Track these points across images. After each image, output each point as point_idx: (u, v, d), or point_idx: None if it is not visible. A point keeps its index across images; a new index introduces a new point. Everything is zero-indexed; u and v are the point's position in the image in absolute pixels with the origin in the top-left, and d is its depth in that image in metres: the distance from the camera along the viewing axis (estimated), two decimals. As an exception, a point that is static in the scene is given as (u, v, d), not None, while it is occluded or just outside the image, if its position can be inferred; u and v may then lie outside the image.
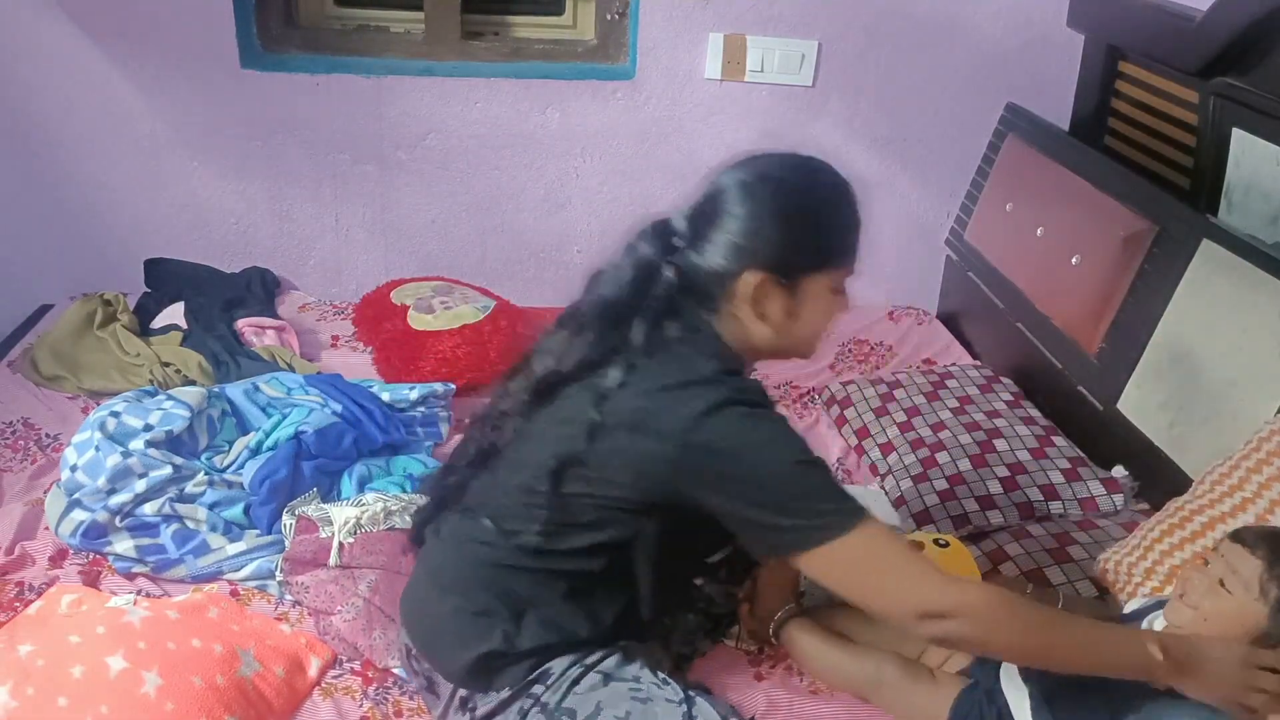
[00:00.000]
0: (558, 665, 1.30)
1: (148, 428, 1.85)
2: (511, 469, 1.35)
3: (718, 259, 1.24)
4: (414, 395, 2.15)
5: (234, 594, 1.68)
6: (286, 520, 1.74)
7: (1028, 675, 1.37)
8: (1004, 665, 1.40)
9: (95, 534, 1.71)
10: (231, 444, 1.94)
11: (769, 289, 1.24)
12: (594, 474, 1.25)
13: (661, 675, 1.33)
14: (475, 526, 1.37)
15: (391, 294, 2.49)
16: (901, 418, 2.15)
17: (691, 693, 1.30)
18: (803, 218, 1.25)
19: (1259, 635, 1.24)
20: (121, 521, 1.73)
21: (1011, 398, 2.21)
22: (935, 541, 1.60)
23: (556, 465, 1.25)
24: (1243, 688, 1.20)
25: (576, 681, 1.29)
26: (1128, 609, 1.46)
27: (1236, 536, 1.32)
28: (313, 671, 1.52)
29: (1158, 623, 1.36)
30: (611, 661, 1.32)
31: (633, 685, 1.29)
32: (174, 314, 2.44)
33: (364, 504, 1.72)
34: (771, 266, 1.23)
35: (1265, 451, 1.52)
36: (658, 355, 1.24)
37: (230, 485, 1.85)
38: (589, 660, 1.31)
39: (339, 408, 2.02)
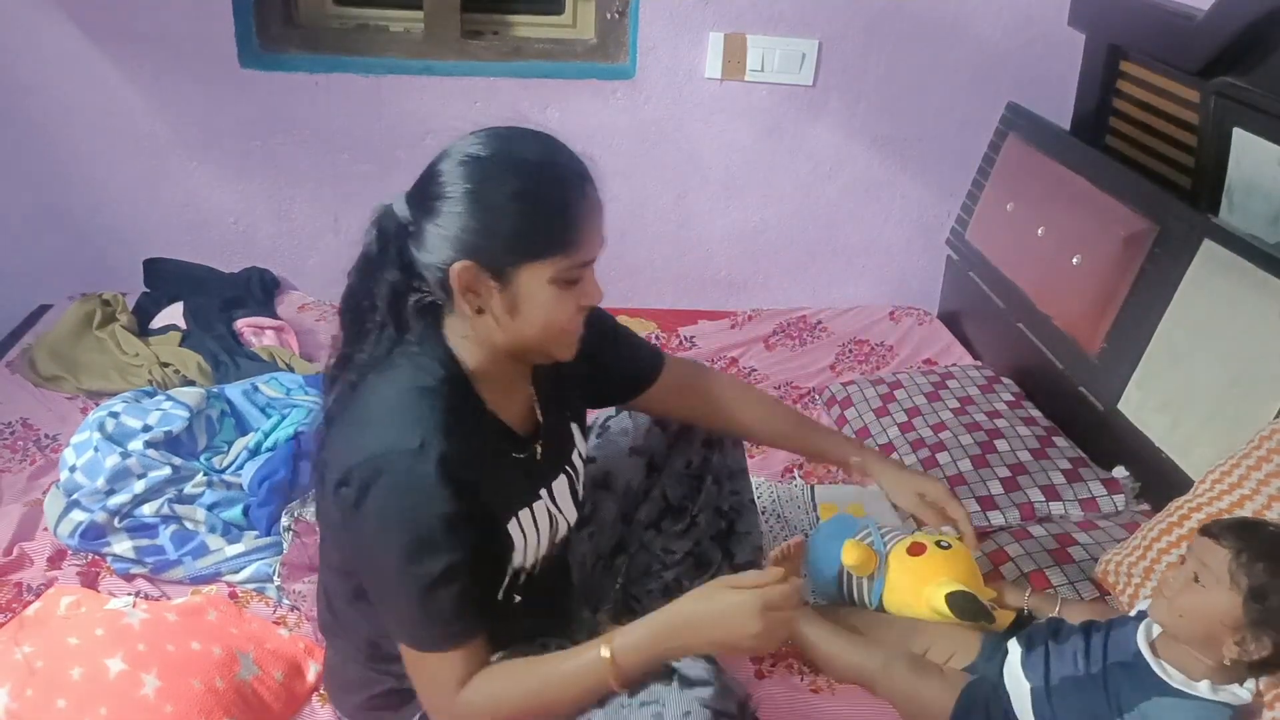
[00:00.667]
0: None
1: (146, 428, 1.85)
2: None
3: (429, 250, 1.13)
4: (413, 395, 2.14)
5: (232, 596, 1.68)
6: (285, 523, 1.73)
7: (1029, 670, 1.38)
8: (1007, 660, 1.41)
9: (94, 535, 1.71)
10: (230, 445, 1.94)
11: (479, 281, 1.12)
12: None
13: None
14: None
15: (391, 294, 2.48)
16: (902, 418, 2.15)
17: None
18: (502, 203, 1.11)
19: (1235, 623, 1.24)
20: (120, 522, 1.73)
21: (1012, 398, 2.21)
22: (937, 543, 1.59)
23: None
24: (759, 614, 1.09)
25: None
26: (1135, 610, 1.46)
27: (1205, 530, 1.32)
28: (311, 676, 1.52)
29: (1151, 624, 1.36)
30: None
31: None
32: (173, 314, 2.44)
33: (363, 505, 1.71)
34: (475, 254, 1.11)
35: (1266, 449, 1.51)
36: (381, 369, 1.17)
37: (229, 486, 1.85)
38: None
39: (338, 408, 2.02)
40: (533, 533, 1.25)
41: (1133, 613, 1.43)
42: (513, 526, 1.22)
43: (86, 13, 2.38)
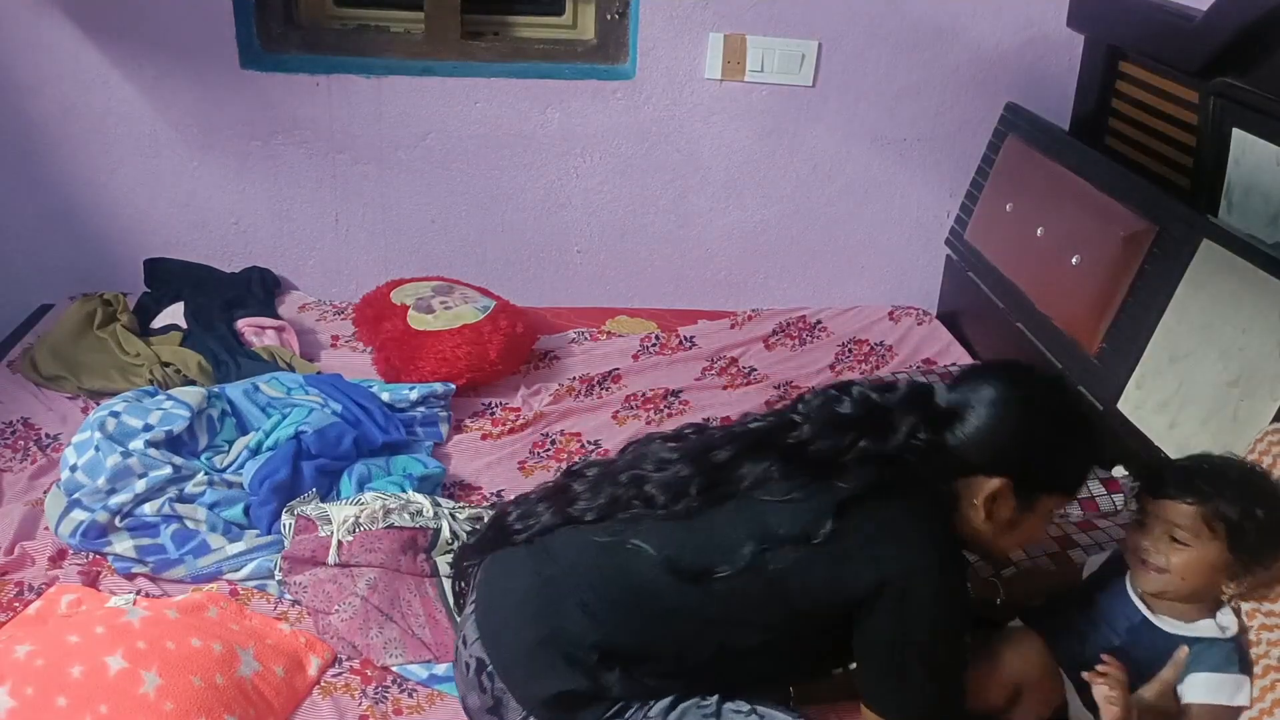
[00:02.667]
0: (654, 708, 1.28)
1: (147, 428, 1.85)
2: (708, 525, 1.30)
3: (969, 449, 1.26)
4: (414, 395, 2.15)
5: (233, 593, 1.68)
6: (286, 520, 1.74)
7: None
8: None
9: (95, 534, 1.71)
10: (231, 444, 1.94)
11: (1008, 496, 1.27)
12: (793, 579, 1.26)
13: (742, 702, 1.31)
14: (628, 557, 1.31)
15: (391, 294, 2.49)
16: (901, 418, 2.15)
17: (758, 705, 1.30)
18: (1062, 444, 1.29)
19: (1227, 565, 1.30)
20: (121, 521, 1.73)
21: (1011, 398, 2.20)
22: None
23: (759, 548, 1.25)
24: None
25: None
26: (1086, 573, 1.49)
27: (1155, 492, 1.36)
28: (312, 671, 1.52)
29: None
30: (693, 700, 1.29)
31: (700, 702, 1.29)
32: (174, 314, 2.44)
33: (363, 503, 1.72)
34: (1019, 477, 1.27)
35: (1257, 452, 1.52)
36: (896, 502, 1.26)
37: (230, 485, 1.85)
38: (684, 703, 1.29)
39: (339, 408, 2.02)
40: None
41: (1085, 575, 1.47)
42: None
43: (86, 13, 2.38)
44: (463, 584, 1.53)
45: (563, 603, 1.31)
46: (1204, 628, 1.33)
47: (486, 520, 1.55)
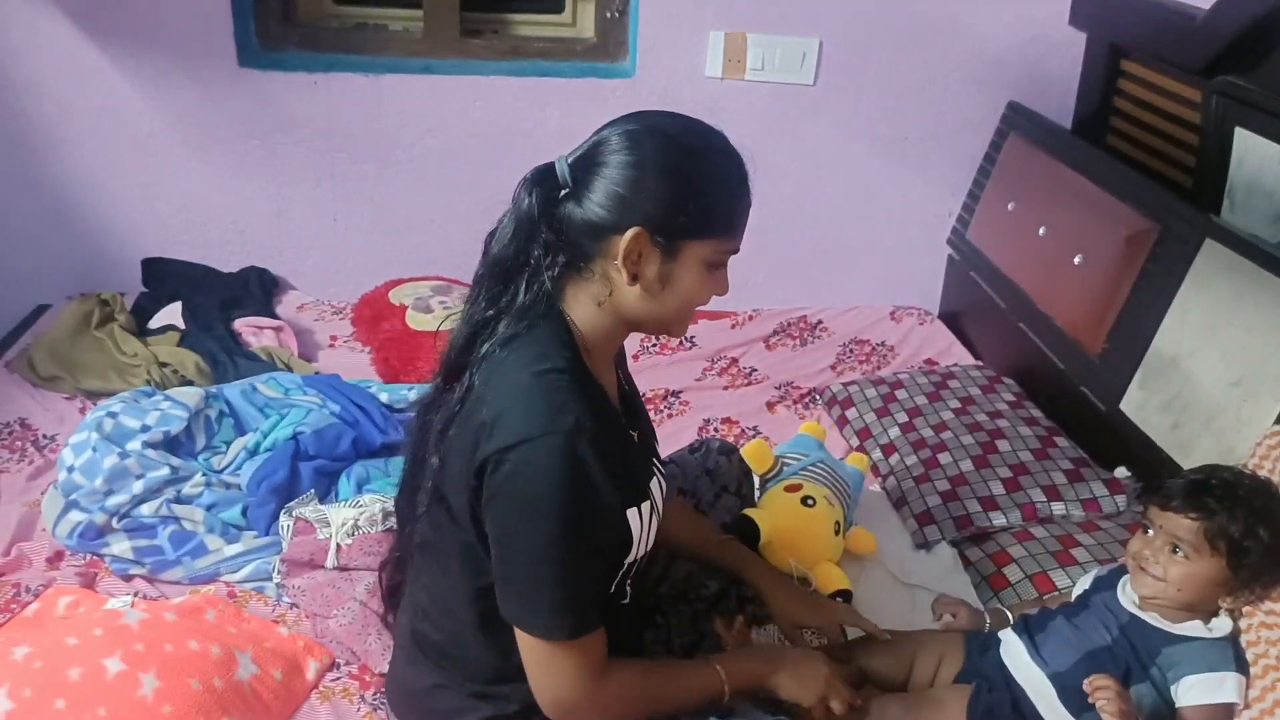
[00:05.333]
0: None
1: (145, 428, 1.84)
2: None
3: (597, 209, 1.14)
4: (413, 396, 2.14)
5: (231, 596, 1.67)
6: (284, 522, 1.73)
7: (1045, 657, 1.37)
8: (1008, 655, 1.41)
9: (92, 535, 1.71)
10: (229, 445, 1.93)
11: (646, 247, 1.14)
12: (450, 500, 1.19)
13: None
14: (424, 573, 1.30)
15: (390, 294, 2.48)
16: (903, 418, 2.14)
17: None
18: (688, 177, 1.15)
19: (1226, 582, 1.30)
20: (119, 523, 1.72)
21: (1014, 398, 2.20)
22: (804, 500, 1.71)
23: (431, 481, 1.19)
24: (816, 692, 1.30)
25: None
26: (1078, 588, 1.47)
27: (1162, 504, 1.34)
28: (310, 674, 1.52)
29: (1129, 588, 1.38)
30: None
31: None
32: (171, 314, 2.44)
33: (362, 505, 1.71)
34: (651, 223, 1.13)
35: (1260, 454, 1.51)
36: (511, 346, 1.15)
37: (228, 486, 1.84)
38: None
39: (337, 408, 2.01)
40: (646, 524, 1.24)
41: (1077, 591, 1.46)
42: (632, 515, 1.21)
43: (85, 12, 2.37)
44: None
45: (422, 649, 1.30)
46: (1191, 627, 1.33)
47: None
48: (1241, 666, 1.30)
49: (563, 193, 1.16)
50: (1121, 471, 1.94)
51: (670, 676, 1.27)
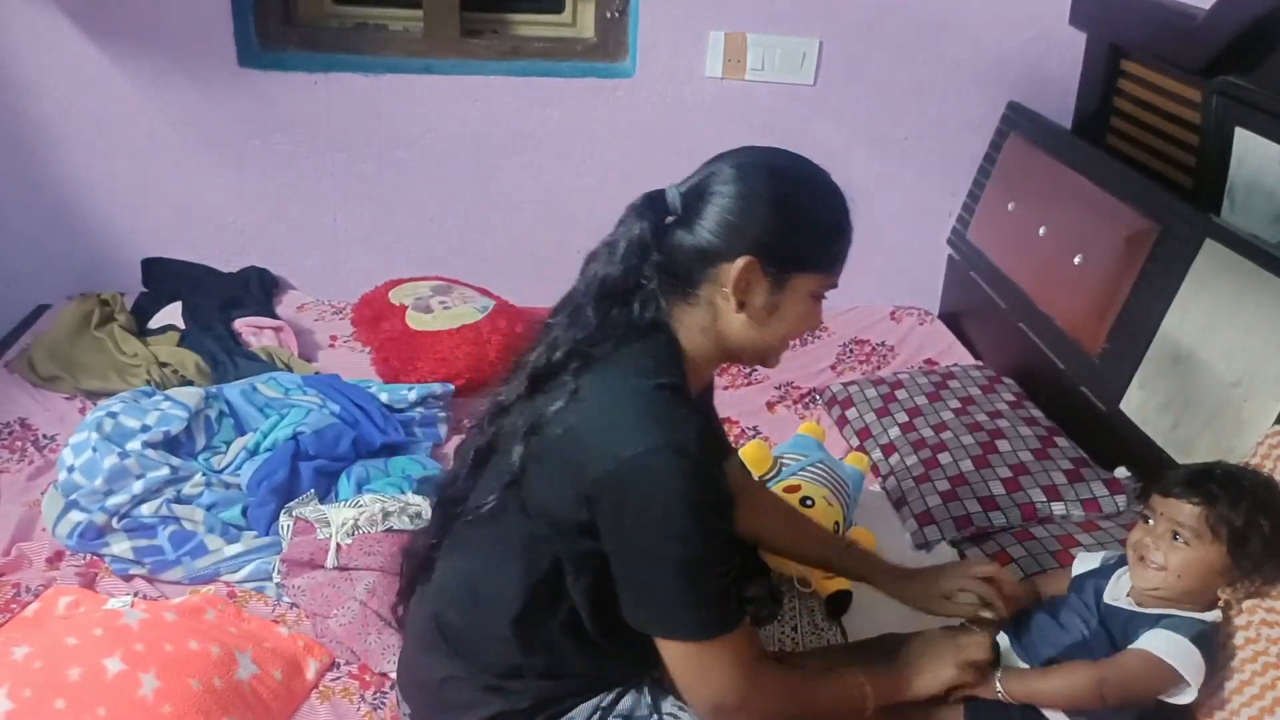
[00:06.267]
0: (579, 714, 1.26)
1: (145, 428, 1.84)
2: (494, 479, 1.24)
3: (708, 236, 1.16)
4: (412, 396, 2.14)
5: (231, 595, 1.67)
6: (284, 522, 1.73)
7: (1029, 653, 1.38)
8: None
9: (92, 535, 1.71)
10: (229, 445, 1.93)
11: (756, 276, 1.17)
12: (528, 495, 1.19)
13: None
14: (466, 559, 1.29)
15: (390, 294, 2.48)
16: (903, 418, 2.14)
17: None
18: (801, 209, 1.19)
19: (1225, 570, 1.30)
20: (119, 523, 1.72)
21: (1014, 398, 2.20)
22: (802, 501, 1.72)
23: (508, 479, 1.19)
24: (957, 664, 1.31)
25: None
26: (1078, 570, 1.47)
27: (1164, 491, 1.35)
28: (310, 674, 1.52)
29: (1122, 580, 1.38)
30: (629, 701, 1.27)
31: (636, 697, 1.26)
32: (171, 314, 2.44)
33: (362, 505, 1.71)
34: (763, 252, 1.16)
35: (1260, 454, 1.51)
36: (615, 358, 1.17)
37: (228, 486, 1.84)
38: (606, 703, 1.26)
39: (337, 408, 2.02)
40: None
41: (1077, 572, 1.45)
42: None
43: (85, 12, 2.37)
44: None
45: (445, 636, 1.30)
46: (1175, 611, 1.32)
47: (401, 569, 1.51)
48: (1209, 655, 1.29)
49: (670, 219, 1.20)
50: (1121, 471, 1.94)
51: (819, 683, 1.28)
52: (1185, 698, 1.28)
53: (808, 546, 1.57)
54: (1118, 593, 1.38)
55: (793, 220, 1.18)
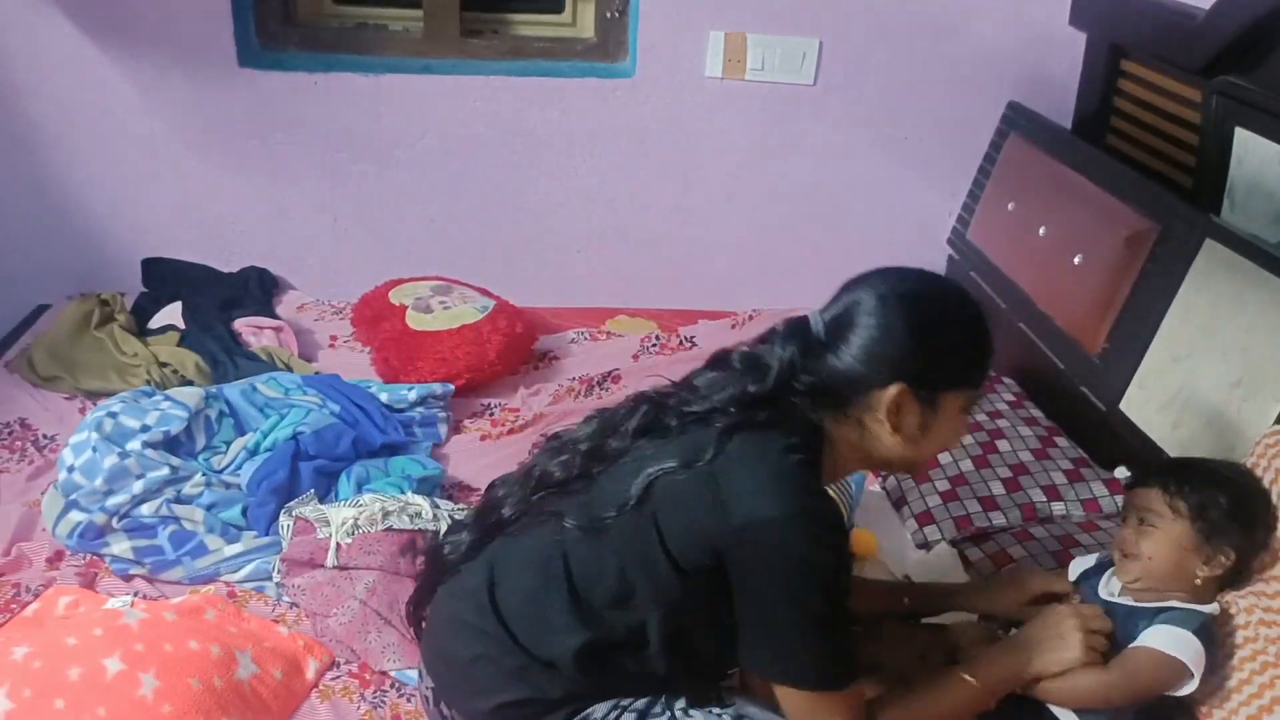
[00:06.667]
0: (598, 711, 1.26)
1: (145, 428, 1.84)
2: (608, 482, 1.28)
3: (857, 366, 1.22)
4: (413, 396, 2.14)
5: (231, 595, 1.67)
6: (284, 521, 1.73)
7: None
8: None
9: (92, 535, 1.71)
10: (229, 445, 1.93)
11: (908, 401, 1.23)
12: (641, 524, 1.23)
13: (710, 708, 1.28)
14: (545, 546, 1.30)
15: (390, 294, 2.48)
16: (903, 418, 2.14)
17: (738, 708, 1.29)
18: (945, 336, 1.25)
19: (1195, 545, 1.33)
20: (119, 523, 1.72)
21: (1013, 398, 2.20)
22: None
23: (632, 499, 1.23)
24: (1078, 642, 1.31)
25: None
26: (1075, 573, 1.49)
27: (1129, 486, 1.44)
28: (310, 674, 1.52)
29: (1114, 582, 1.40)
30: (643, 701, 1.27)
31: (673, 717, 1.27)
32: (171, 314, 2.44)
33: (362, 505, 1.71)
34: (913, 378, 1.22)
35: (1259, 453, 1.51)
36: (774, 430, 1.23)
37: (228, 486, 1.84)
38: (624, 701, 1.27)
39: (337, 408, 2.02)
40: None
41: (1073, 577, 1.48)
42: None
43: (84, 12, 2.37)
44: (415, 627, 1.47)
45: (488, 615, 1.30)
46: (1171, 602, 1.34)
47: (424, 558, 1.51)
48: (1209, 645, 1.30)
49: (816, 344, 1.26)
50: (1121, 471, 1.94)
51: (929, 701, 1.30)
52: (1187, 688, 1.29)
53: (880, 604, 1.58)
54: (1112, 589, 1.40)
55: (939, 347, 1.24)
